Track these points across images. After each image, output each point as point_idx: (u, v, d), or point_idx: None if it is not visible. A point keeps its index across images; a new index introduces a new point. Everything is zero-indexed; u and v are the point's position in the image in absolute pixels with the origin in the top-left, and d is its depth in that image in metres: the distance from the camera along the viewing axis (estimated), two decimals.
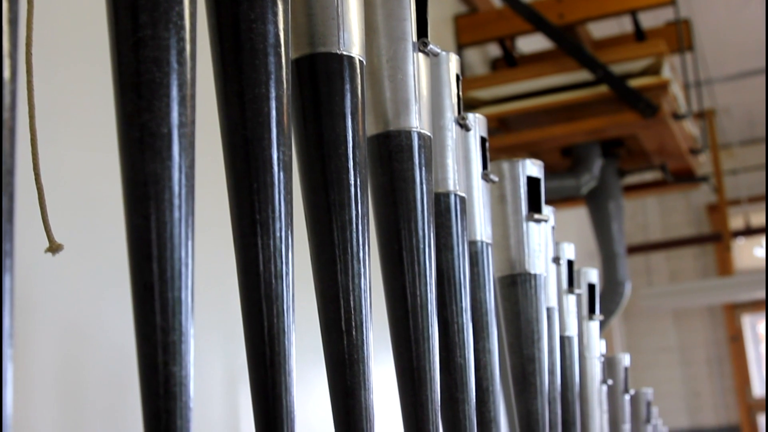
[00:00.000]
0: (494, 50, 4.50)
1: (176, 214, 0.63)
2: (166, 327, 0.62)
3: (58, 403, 1.54)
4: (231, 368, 2.00)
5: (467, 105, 3.67)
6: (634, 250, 6.39)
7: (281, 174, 0.77)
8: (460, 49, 4.09)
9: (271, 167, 0.76)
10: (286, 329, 0.76)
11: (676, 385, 7.33)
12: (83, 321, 1.62)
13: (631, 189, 4.76)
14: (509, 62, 4.23)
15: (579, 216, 4.88)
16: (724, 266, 7.24)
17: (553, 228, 1.48)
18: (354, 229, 0.88)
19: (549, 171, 4.05)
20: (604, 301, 4.10)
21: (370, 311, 0.90)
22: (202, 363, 1.90)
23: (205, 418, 1.89)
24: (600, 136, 3.90)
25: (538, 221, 1.35)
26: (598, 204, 4.26)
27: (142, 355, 0.62)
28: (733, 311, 7.30)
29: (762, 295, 6.72)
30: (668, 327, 7.39)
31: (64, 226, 1.56)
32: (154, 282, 0.62)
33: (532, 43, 4.53)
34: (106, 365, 1.61)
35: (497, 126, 3.81)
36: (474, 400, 1.13)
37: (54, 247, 0.85)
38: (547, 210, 1.40)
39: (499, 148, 3.75)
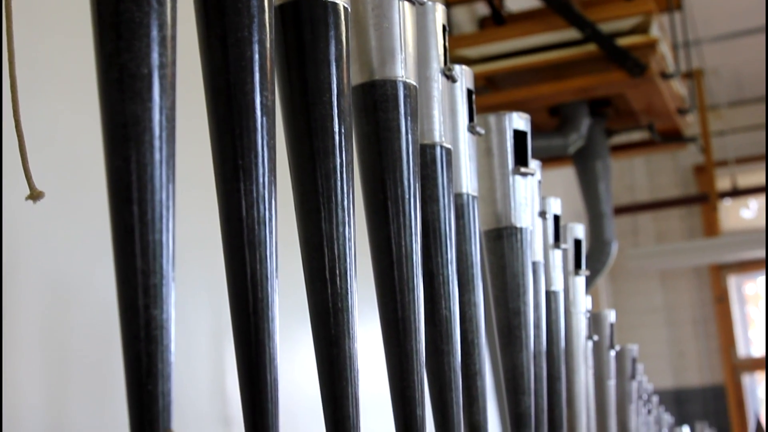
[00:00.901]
0: (482, 8, 4.48)
1: (157, 156, 0.62)
2: (146, 270, 0.61)
3: (44, 359, 1.53)
4: (217, 324, 2.00)
5: (455, 63, 3.64)
6: (621, 210, 6.40)
7: (264, 119, 0.76)
8: (448, 7, 4.06)
9: (254, 112, 0.75)
10: (268, 275, 0.76)
11: (662, 346, 7.37)
12: (68, 276, 1.61)
13: (618, 149, 4.76)
14: (497, 21, 4.20)
15: (566, 176, 4.88)
16: (711, 227, 7.27)
17: (539, 182, 1.48)
18: (338, 178, 0.87)
19: (536, 130, 4.05)
20: (590, 260, 4.10)
21: (355, 260, 0.89)
22: (187, 319, 1.89)
23: (190, 375, 1.89)
24: (588, 95, 3.90)
25: (524, 175, 1.35)
26: (585, 163, 4.26)
27: (122, 298, 0.62)
28: (719, 272, 7.33)
29: (748, 255, 6.75)
30: (654, 288, 7.42)
31: (49, 180, 1.55)
32: (135, 224, 0.61)
33: (520, 1, 4.50)
34: (92, 320, 1.60)
35: (485, 84, 3.80)
36: (459, 353, 1.13)
37: (35, 195, 0.84)
38: (533, 164, 1.39)
39: (486, 106, 3.74)
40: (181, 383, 1.86)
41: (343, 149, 0.88)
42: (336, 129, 0.87)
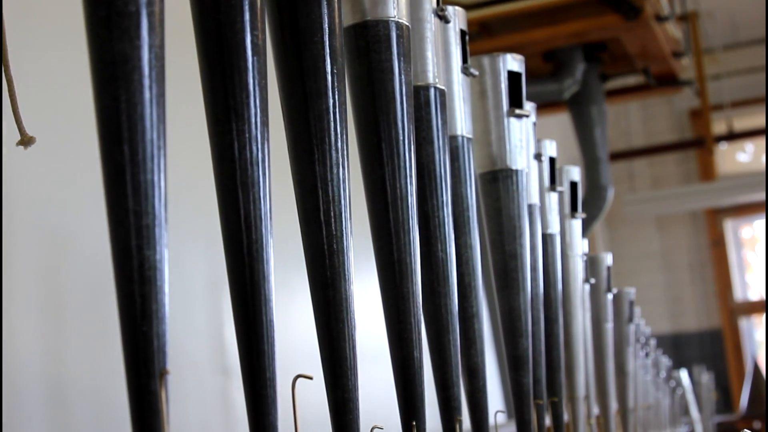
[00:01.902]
0: None
1: (146, 95, 0.61)
2: (138, 210, 0.61)
3: (40, 309, 1.53)
4: (214, 275, 2.00)
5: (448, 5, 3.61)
6: (616, 156, 6.39)
7: (254, 58, 0.75)
8: None
9: (245, 51, 0.75)
10: (263, 216, 0.75)
11: (659, 291, 7.39)
12: (63, 226, 1.61)
13: (613, 94, 4.74)
14: None
15: (561, 122, 4.86)
16: (707, 172, 7.27)
17: (534, 124, 1.47)
18: (331, 119, 0.87)
19: (531, 76, 4.02)
20: (586, 206, 4.10)
21: (349, 202, 0.89)
22: (184, 270, 1.89)
23: (188, 325, 1.89)
24: (582, 39, 3.87)
25: (519, 117, 1.34)
26: (580, 109, 4.25)
27: (114, 240, 0.61)
28: (716, 216, 7.34)
29: (745, 199, 6.75)
30: (651, 233, 7.43)
31: (42, 129, 1.54)
32: (126, 165, 0.61)
33: None
34: (86, 270, 1.60)
35: (479, 30, 3.77)
36: (456, 295, 1.13)
37: (26, 140, 0.83)
38: (528, 106, 1.38)
39: (480, 52, 3.71)
40: (178, 334, 1.87)
41: (336, 90, 0.87)
42: (328, 69, 0.87)
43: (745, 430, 1.27)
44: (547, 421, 1.53)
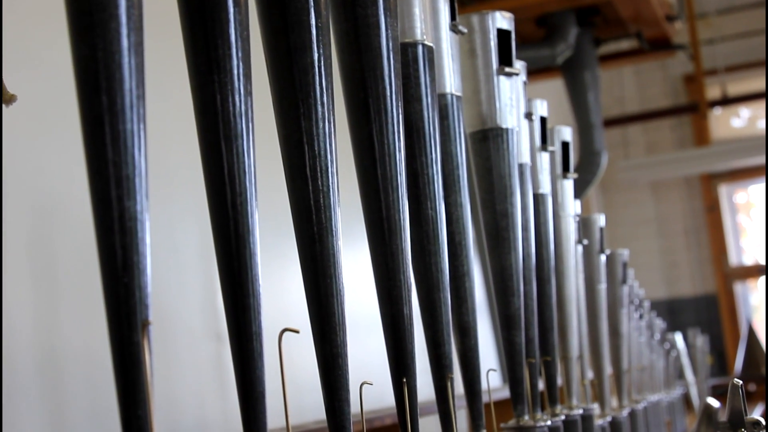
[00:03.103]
0: None
1: (124, 44, 0.60)
2: (118, 161, 0.60)
3: (32, 277, 1.53)
4: (206, 241, 1.99)
5: None
6: (610, 123, 6.38)
7: (236, 9, 0.74)
8: None
9: (226, 2, 0.74)
10: (247, 170, 0.74)
11: (654, 257, 7.39)
12: (52, 195, 1.60)
13: (607, 59, 4.72)
14: None
15: (555, 87, 4.84)
16: (701, 137, 7.26)
17: (525, 83, 1.46)
18: (316, 73, 0.86)
19: (523, 41, 4.00)
20: (580, 171, 4.10)
21: (335, 157, 0.88)
22: (176, 236, 1.89)
23: (181, 292, 1.88)
24: (575, 3, 3.85)
25: (509, 75, 1.33)
26: (573, 74, 4.23)
27: (94, 190, 0.60)
28: (710, 182, 7.33)
29: (739, 164, 6.75)
30: (646, 199, 7.43)
31: (33, 105, 1.53)
32: (104, 115, 0.60)
33: None
34: (77, 238, 1.59)
35: None
36: (446, 253, 1.12)
37: (7, 98, 0.82)
38: (518, 64, 1.37)
39: None
40: (172, 301, 1.87)
41: (321, 44, 0.86)
42: (312, 22, 0.86)
43: (735, 380, 1.26)
44: (541, 385, 1.53)
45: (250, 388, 0.73)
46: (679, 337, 4.07)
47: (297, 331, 0.73)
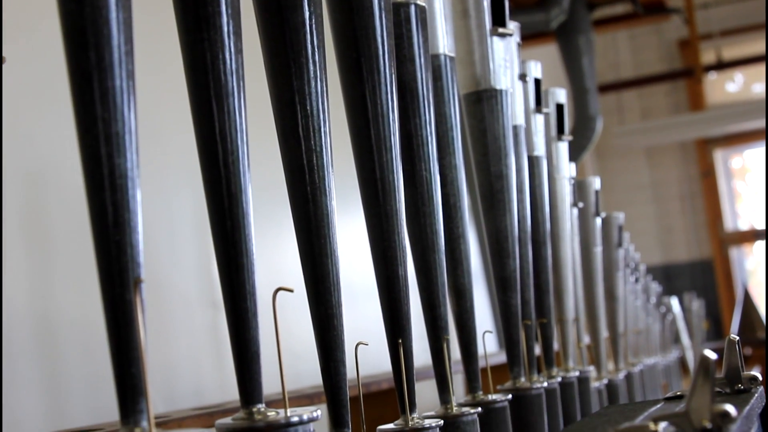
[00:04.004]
0: None
1: None
2: (107, 117, 0.59)
3: (26, 245, 1.52)
4: (201, 209, 1.99)
5: None
6: (605, 88, 6.36)
7: None
8: None
9: None
10: (239, 128, 0.74)
11: (649, 222, 7.40)
12: (44, 164, 1.59)
13: (601, 23, 4.70)
14: None
15: (549, 53, 4.83)
16: (696, 102, 7.24)
17: (518, 44, 1.45)
18: (307, 31, 0.85)
19: (517, 6, 3.98)
20: (575, 136, 4.09)
21: (328, 117, 0.87)
22: (171, 205, 1.88)
23: (176, 260, 1.88)
24: None
25: (502, 36, 1.32)
26: (568, 39, 4.22)
27: (83, 148, 0.60)
28: (706, 147, 7.32)
29: (734, 129, 6.74)
30: (641, 165, 7.42)
31: (26, 72, 1.51)
32: (92, 71, 0.59)
33: None
34: (71, 206, 1.59)
35: None
36: (441, 215, 1.12)
37: None
38: (511, 25, 1.36)
39: None
40: (167, 270, 1.86)
41: (312, 1, 0.85)
42: None
43: (732, 335, 1.26)
44: (537, 349, 1.53)
45: (244, 348, 0.73)
46: (675, 302, 4.08)
47: (291, 290, 0.73)
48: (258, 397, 0.72)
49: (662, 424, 0.55)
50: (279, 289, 0.73)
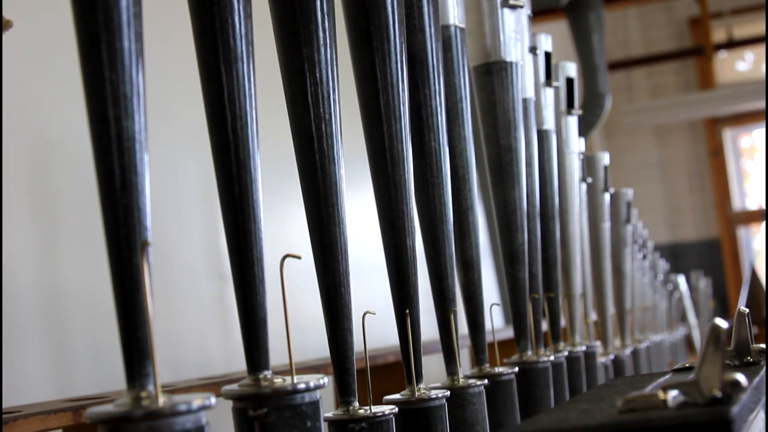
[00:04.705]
0: None
1: None
2: (115, 80, 0.59)
3: (32, 215, 1.52)
4: (209, 181, 1.98)
5: None
6: (615, 66, 6.34)
7: None
8: None
9: None
10: (247, 93, 0.73)
11: (657, 201, 7.38)
12: (51, 131, 1.59)
13: (611, 0, 4.68)
14: None
15: (559, 29, 4.80)
16: (706, 80, 7.20)
17: (529, 17, 1.44)
18: None
19: None
20: (584, 114, 4.07)
21: (337, 84, 0.87)
22: (179, 177, 1.88)
23: (183, 232, 1.88)
24: None
25: (513, 8, 1.31)
26: (578, 15, 4.20)
27: (91, 110, 0.59)
28: (715, 126, 7.29)
29: (744, 108, 6.71)
30: (650, 143, 7.40)
31: (32, 38, 1.51)
32: (101, 33, 0.59)
33: None
34: (78, 176, 1.58)
35: None
36: (449, 186, 1.11)
37: (4, 23, 0.81)
38: None
39: None
40: (174, 241, 1.86)
41: None
42: None
43: (741, 308, 1.25)
44: (545, 325, 1.52)
45: (251, 315, 0.72)
46: (682, 280, 4.07)
47: (299, 257, 0.72)
48: (265, 363, 0.72)
49: (671, 393, 0.55)
50: (287, 255, 0.72)
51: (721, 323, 0.55)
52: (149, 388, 0.58)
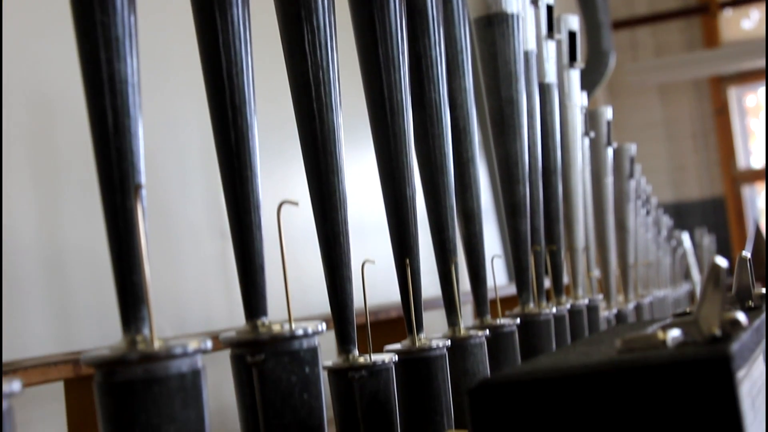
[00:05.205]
0: None
1: None
2: (107, 21, 0.58)
3: (33, 173, 1.52)
4: (209, 139, 1.97)
5: None
6: (619, 25, 6.30)
7: None
8: None
9: None
10: (242, 38, 0.72)
11: (662, 160, 7.36)
12: (50, 88, 1.58)
13: None
14: None
15: None
16: (711, 39, 7.16)
17: None
18: None
19: None
20: (588, 72, 4.05)
21: (335, 32, 0.86)
22: (179, 135, 1.87)
23: (185, 190, 1.87)
24: None
25: None
26: None
27: (82, 53, 0.59)
28: (720, 84, 7.26)
29: (749, 66, 6.68)
30: (654, 102, 7.36)
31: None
32: None
33: None
34: (78, 134, 1.58)
35: None
36: (450, 137, 1.10)
37: None
38: None
39: None
40: (176, 199, 1.85)
41: None
42: None
43: (743, 253, 1.24)
44: (547, 282, 1.52)
45: (249, 261, 0.72)
46: (685, 237, 4.07)
47: (296, 203, 0.72)
48: (263, 309, 0.72)
49: (671, 333, 0.54)
50: (284, 202, 0.72)
51: (721, 262, 0.55)
52: (145, 332, 0.58)
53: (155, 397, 0.55)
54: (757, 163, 7.42)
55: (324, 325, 0.72)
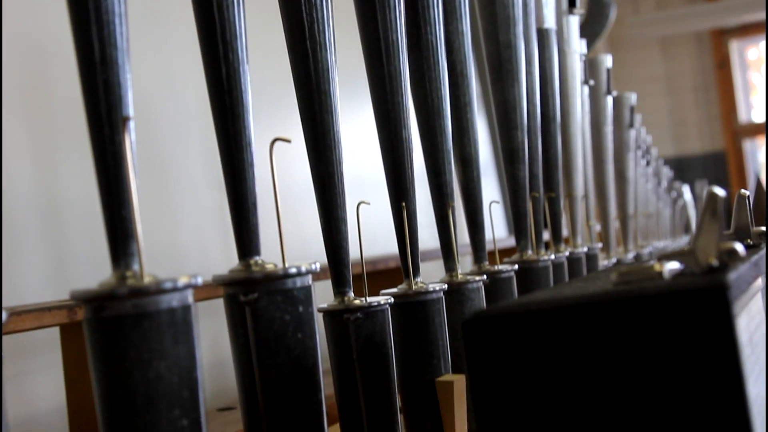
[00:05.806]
0: None
1: None
2: None
3: (29, 121, 1.50)
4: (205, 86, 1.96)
5: None
6: None
7: None
8: None
9: None
10: None
11: (663, 115, 7.33)
12: (46, 36, 1.56)
13: None
14: None
15: None
16: None
17: None
18: None
19: None
20: (588, 24, 4.02)
21: None
22: (175, 86, 1.86)
23: (182, 142, 1.86)
24: None
25: None
26: None
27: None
28: (721, 37, 7.21)
29: (751, 18, 6.63)
30: (655, 56, 7.32)
31: None
32: None
33: None
34: (73, 80, 1.56)
35: None
36: (446, 80, 1.09)
37: None
38: None
39: None
40: (173, 150, 1.84)
41: None
42: None
43: (742, 190, 1.24)
44: (546, 235, 1.51)
45: (241, 200, 0.71)
46: (686, 189, 4.05)
47: (288, 140, 0.71)
48: (256, 249, 0.71)
49: (668, 265, 0.53)
50: (276, 139, 0.71)
51: (719, 191, 0.54)
52: (134, 267, 0.57)
53: (145, 333, 0.54)
54: (759, 117, 7.39)
55: (318, 265, 0.71)
